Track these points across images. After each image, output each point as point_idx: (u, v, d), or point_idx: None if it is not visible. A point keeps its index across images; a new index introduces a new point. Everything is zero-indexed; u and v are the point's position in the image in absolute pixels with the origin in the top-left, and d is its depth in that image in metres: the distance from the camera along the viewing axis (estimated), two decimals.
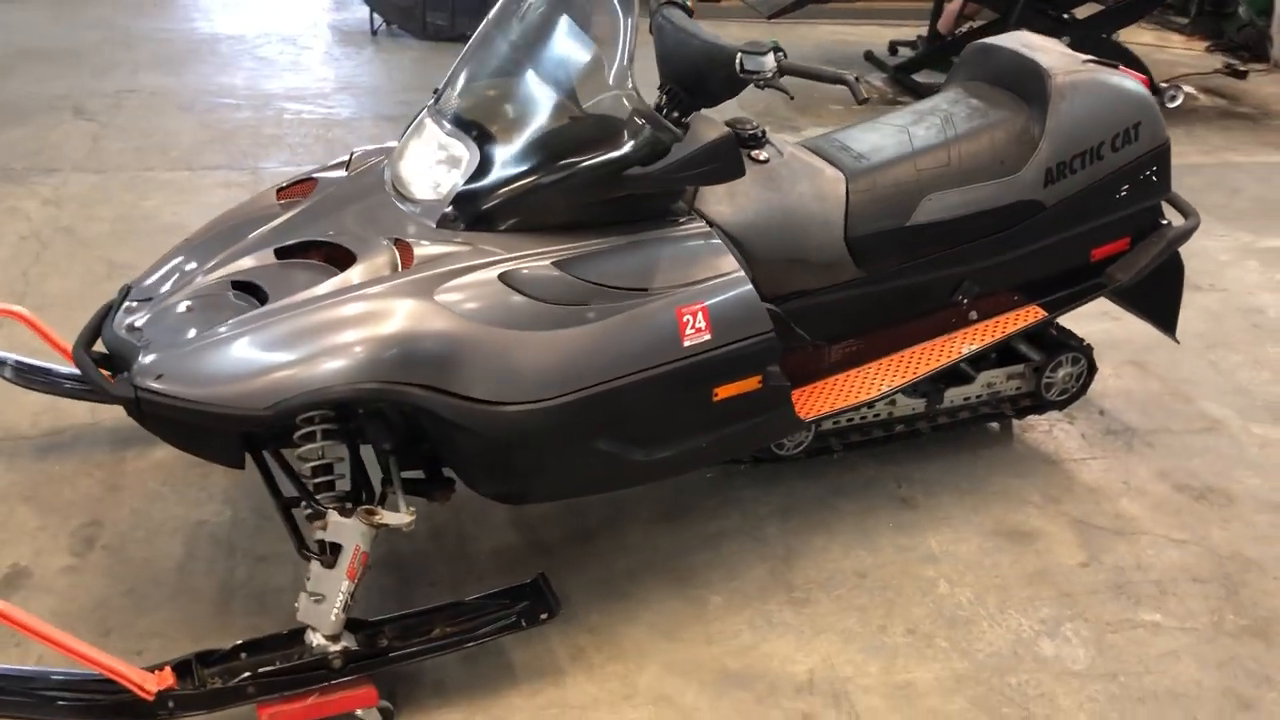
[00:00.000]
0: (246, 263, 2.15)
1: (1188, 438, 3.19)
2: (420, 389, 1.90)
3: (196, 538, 2.55)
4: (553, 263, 2.04)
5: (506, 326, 1.97)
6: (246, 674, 1.97)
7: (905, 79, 6.43)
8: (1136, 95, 2.68)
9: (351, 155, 2.49)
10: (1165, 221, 2.82)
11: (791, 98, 2.25)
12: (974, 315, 2.72)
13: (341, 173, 2.42)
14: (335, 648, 2.02)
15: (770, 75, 2.06)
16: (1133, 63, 5.24)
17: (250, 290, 2.09)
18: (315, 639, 2.02)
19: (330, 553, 2.01)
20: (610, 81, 2.07)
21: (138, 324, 2.08)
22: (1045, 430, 3.14)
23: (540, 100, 2.14)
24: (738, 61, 2.06)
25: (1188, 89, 6.47)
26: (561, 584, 2.30)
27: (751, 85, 2.09)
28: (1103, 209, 2.71)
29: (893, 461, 2.92)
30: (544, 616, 2.17)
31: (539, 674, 2.22)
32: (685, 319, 2.10)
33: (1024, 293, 2.78)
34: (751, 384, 2.21)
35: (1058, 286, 2.79)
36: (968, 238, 2.57)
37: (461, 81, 2.29)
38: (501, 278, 2.00)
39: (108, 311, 2.21)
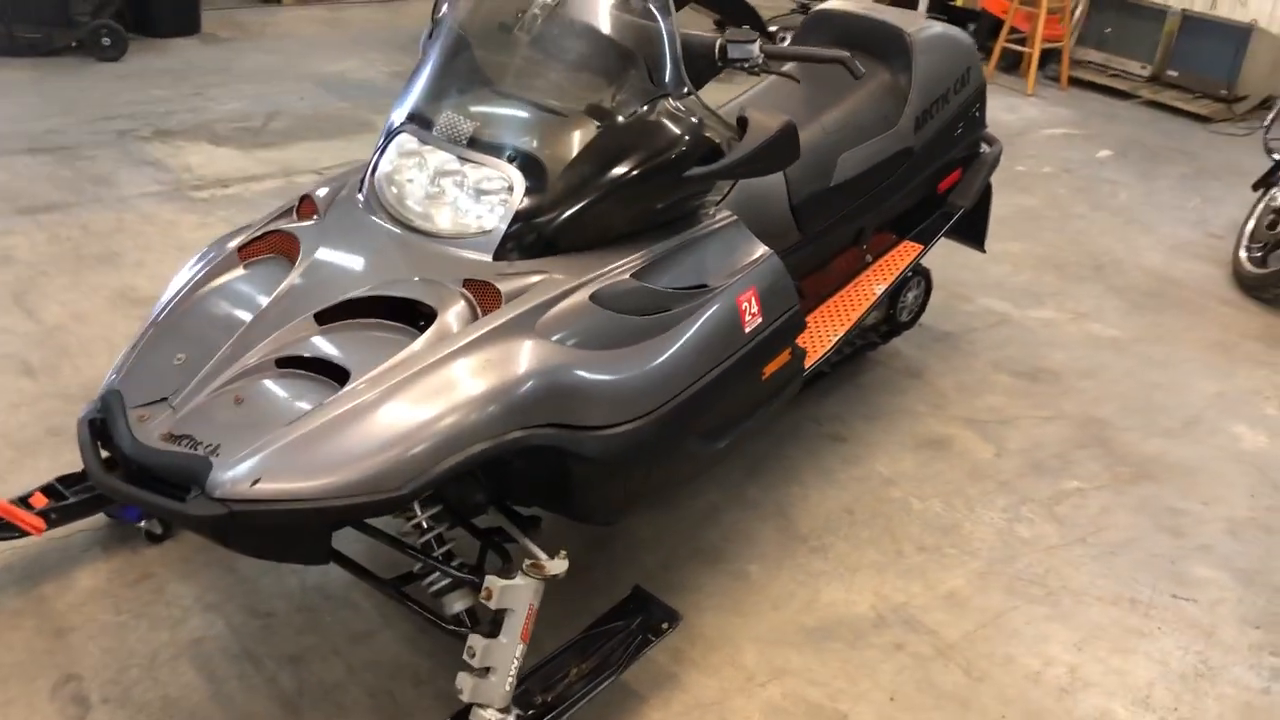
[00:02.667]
0: (283, 336, 1.89)
1: (991, 332, 3.83)
2: (548, 429, 1.84)
3: (205, 658, 2.20)
4: (630, 275, 2.05)
5: (606, 347, 1.95)
6: None
7: None
8: (966, 44, 3.16)
9: (303, 199, 2.22)
10: (983, 150, 3.35)
11: (797, 81, 2.40)
12: (869, 258, 3.08)
13: (311, 220, 2.16)
14: (511, 718, 1.92)
15: (759, 61, 2.20)
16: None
17: (303, 365, 1.86)
18: (488, 715, 1.90)
19: (492, 621, 1.90)
20: (661, 82, 2.08)
21: (177, 431, 1.78)
22: (892, 352, 3.60)
23: (580, 111, 2.06)
24: (717, 49, 2.17)
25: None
26: (608, 595, 2.31)
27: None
28: (948, 146, 3.17)
29: (798, 406, 3.20)
30: (666, 626, 2.20)
31: (657, 685, 2.25)
32: (743, 306, 2.20)
33: (896, 231, 3.18)
34: (785, 356, 2.37)
35: (918, 221, 3.22)
36: (869, 189, 2.90)
37: (456, 100, 2.11)
38: (593, 299, 1.97)
39: (99, 429, 1.86)
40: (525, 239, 1.98)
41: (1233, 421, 3.42)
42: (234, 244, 2.13)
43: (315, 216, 2.17)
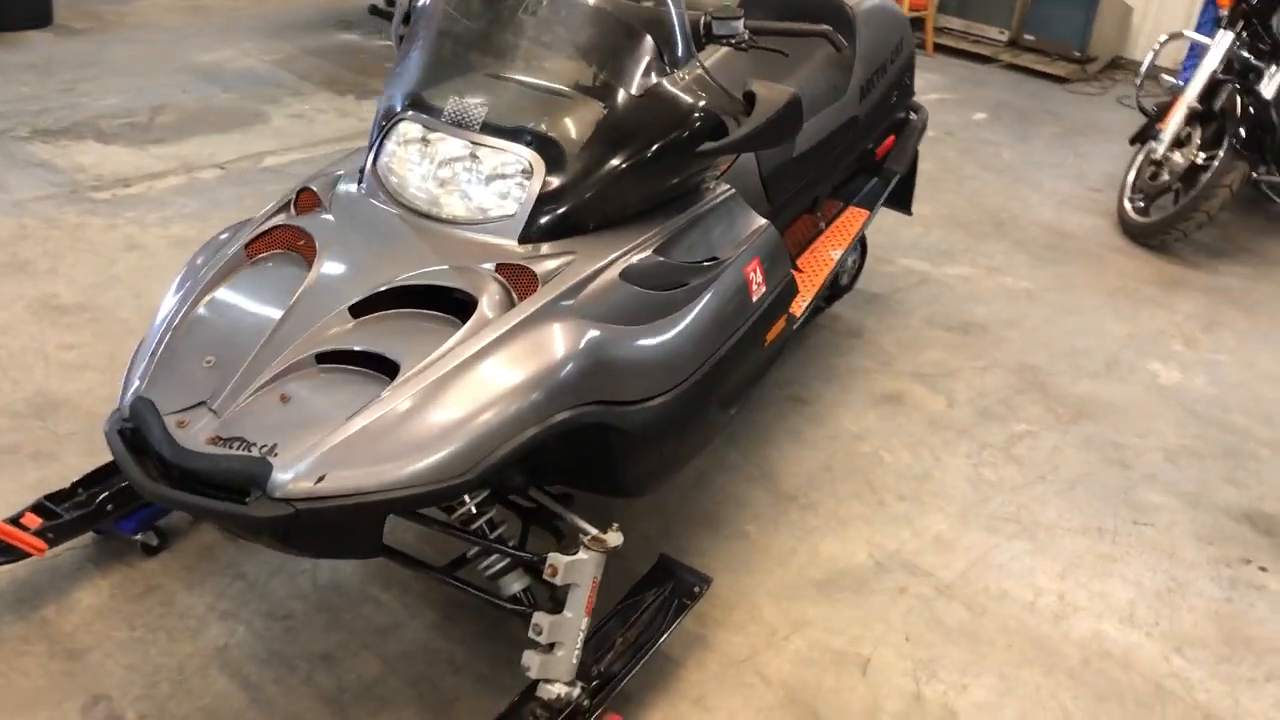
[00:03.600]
0: (319, 332, 1.87)
1: (916, 290, 4.02)
2: (594, 406, 1.88)
3: (234, 665, 2.16)
4: (654, 250, 2.09)
5: (638, 323, 2.00)
6: None
7: None
8: (900, 14, 3.30)
9: (301, 192, 2.18)
10: (912, 117, 3.51)
11: (785, 54, 2.46)
12: (822, 225, 3.20)
13: (316, 213, 2.12)
14: (577, 690, 1.96)
15: (745, 37, 2.26)
16: None
17: (344, 359, 1.85)
18: (556, 689, 1.94)
19: (553, 598, 1.93)
20: (672, 58, 2.11)
21: (225, 434, 1.75)
22: (832, 315, 3.75)
23: (594, 90, 2.06)
24: (702, 26, 2.23)
25: None
26: (623, 567, 2.36)
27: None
28: (885, 114, 3.31)
29: None
30: (697, 590, 2.27)
31: (688, 648, 2.32)
32: (751, 276, 2.28)
33: (842, 198, 3.31)
34: (783, 322, 2.47)
35: (858, 187, 3.36)
36: (824, 157, 3.01)
37: (463, 84, 2.09)
38: (622, 276, 2.01)
39: (131, 439, 1.81)
40: (548, 221, 2.00)
41: (1147, 360, 3.69)
42: (239, 242, 2.07)
43: (319, 209, 2.13)
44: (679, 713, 2.16)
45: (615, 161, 2.05)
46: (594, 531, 1.96)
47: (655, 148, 2.08)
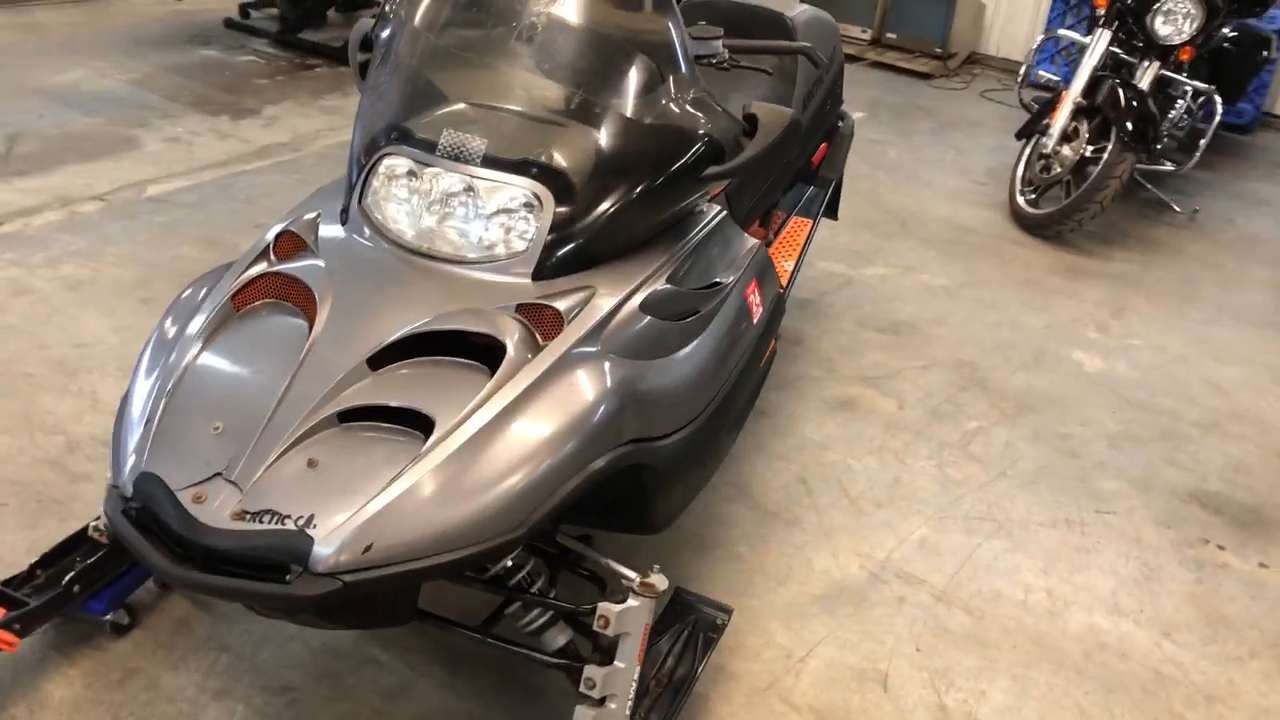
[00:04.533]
0: (338, 389, 1.74)
1: (841, 293, 4.07)
2: (630, 445, 1.83)
3: None
4: (666, 279, 2.05)
5: (659, 355, 1.94)
6: None
7: (294, 39, 6.32)
8: (832, 23, 3.34)
9: (280, 235, 2.03)
10: (840, 124, 3.55)
11: (769, 73, 2.42)
12: (771, 237, 3.20)
13: (303, 257, 1.98)
14: None
15: (725, 56, 2.25)
16: None
17: (368, 415, 1.73)
18: None
19: (603, 649, 1.86)
20: (675, 82, 2.06)
21: (252, 508, 1.62)
22: None
23: (599, 118, 1.97)
24: (655, 44, 2.18)
25: None
26: None
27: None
28: (822, 122, 3.34)
29: None
30: (720, 622, 2.23)
31: (711, 681, 2.27)
32: (751, 298, 2.26)
33: (783, 208, 3.32)
34: (774, 341, 2.46)
35: (799, 196, 3.38)
36: (775, 169, 3.02)
37: (457, 117, 1.97)
38: (642, 308, 1.95)
39: (137, 520, 1.65)
40: (562, 256, 1.92)
41: (1069, 349, 3.83)
42: (221, 293, 1.92)
43: (303, 253, 1.99)
44: None
45: (624, 190, 1.98)
46: (640, 577, 1.89)
47: (663, 173, 2.03)
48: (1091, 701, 2.32)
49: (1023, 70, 5.20)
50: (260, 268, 1.96)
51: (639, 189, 1.99)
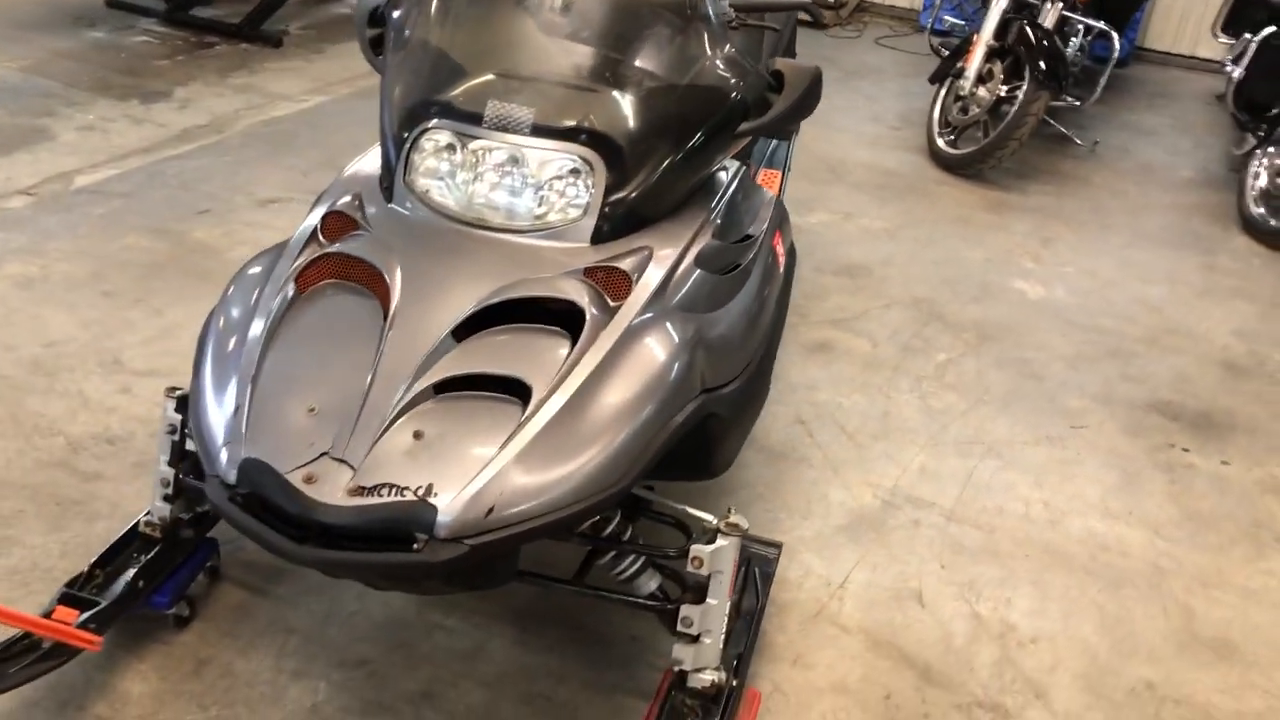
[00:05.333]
0: (428, 361, 1.78)
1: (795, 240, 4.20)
2: (704, 395, 1.92)
3: None
4: (712, 234, 2.13)
5: (715, 306, 2.03)
6: None
7: (186, 17, 6.12)
8: None
9: (327, 217, 2.03)
10: None
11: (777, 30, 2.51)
12: None
13: (368, 237, 1.99)
14: (724, 674, 2.00)
15: (730, 15, 2.33)
16: None
17: (462, 385, 1.78)
18: (708, 677, 1.97)
19: (698, 587, 1.96)
20: (709, 40, 2.12)
21: (368, 484, 1.66)
22: None
23: (640, 80, 2.03)
24: (689, 4, 2.27)
25: None
26: None
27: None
28: None
29: None
30: (774, 556, 2.35)
31: (765, 614, 2.39)
32: (778, 249, 2.37)
33: (755, 161, 3.43)
34: (790, 289, 2.57)
35: (764, 150, 3.49)
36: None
37: (499, 87, 2.00)
38: (696, 263, 2.03)
39: (251, 506, 1.68)
40: (615, 218, 1.98)
41: (1010, 279, 4.06)
42: (284, 279, 1.92)
43: (355, 232, 2.00)
44: (785, 675, 2.24)
45: (669, 150, 2.04)
46: (719, 518, 1.98)
47: (703, 132, 2.10)
48: (1106, 598, 2.52)
49: (930, 21, 5.39)
50: (315, 249, 1.97)
51: (682, 148, 2.06)
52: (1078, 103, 5.13)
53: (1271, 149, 4.65)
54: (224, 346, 1.88)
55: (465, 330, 1.83)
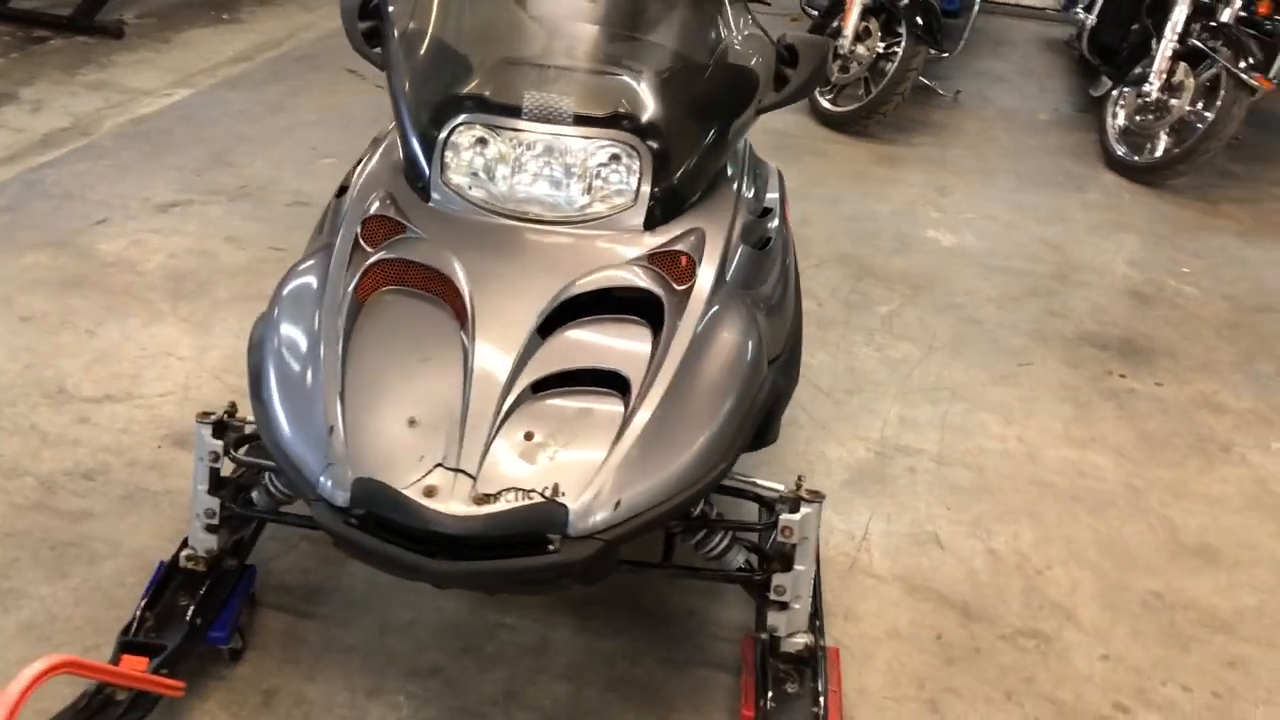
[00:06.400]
0: (520, 361, 1.77)
1: None
2: (769, 370, 1.98)
3: None
4: (748, 210, 2.18)
5: (761, 281, 2.10)
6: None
7: (6, 9, 5.69)
8: None
9: (366, 222, 1.95)
10: None
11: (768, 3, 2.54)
12: None
13: (418, 240, 1.94)
14: (811, 635, 2.08)
15: None
16: None
17: (558, 382, 1.79)
18: (800, 640, 2.04)
19: (783, 557, 2.02)
20: (732, 17, 2.17)
21: (490, 490, 1.65)
22: None
23: (673, 62, 2.05)
24: None
25: None
26: None
27: None
28: None
29: None
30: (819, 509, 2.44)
31: None
32: (788, 218, 2.45)
33: None
34: None
35: None
36: None
37: (534, 78, 1.97)
38: (743, 241, 2.09)
39: (386, 528, 1.64)
40: (664, 202, 1.98)
41: (922, 230, 4.26)
42: (343, 291, 1.86)
43: (401, 236, 1.95)
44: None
45: (705, 130, 2.07)
46: (793, 488, 2.04)
47: (734, 109, 2.13)
48: (1096, 520, 2.72)
49: None
50: (364, 256, 1.90)
51: (716, 127, 2.09)
52: (945, 54, 5.38)
53: (1127, 90, 5.00)
54: (292, 365, 1.80)
55: (547, 327, 1.82)
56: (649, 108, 1.99)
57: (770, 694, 1.94)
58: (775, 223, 2.25)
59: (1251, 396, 3.29)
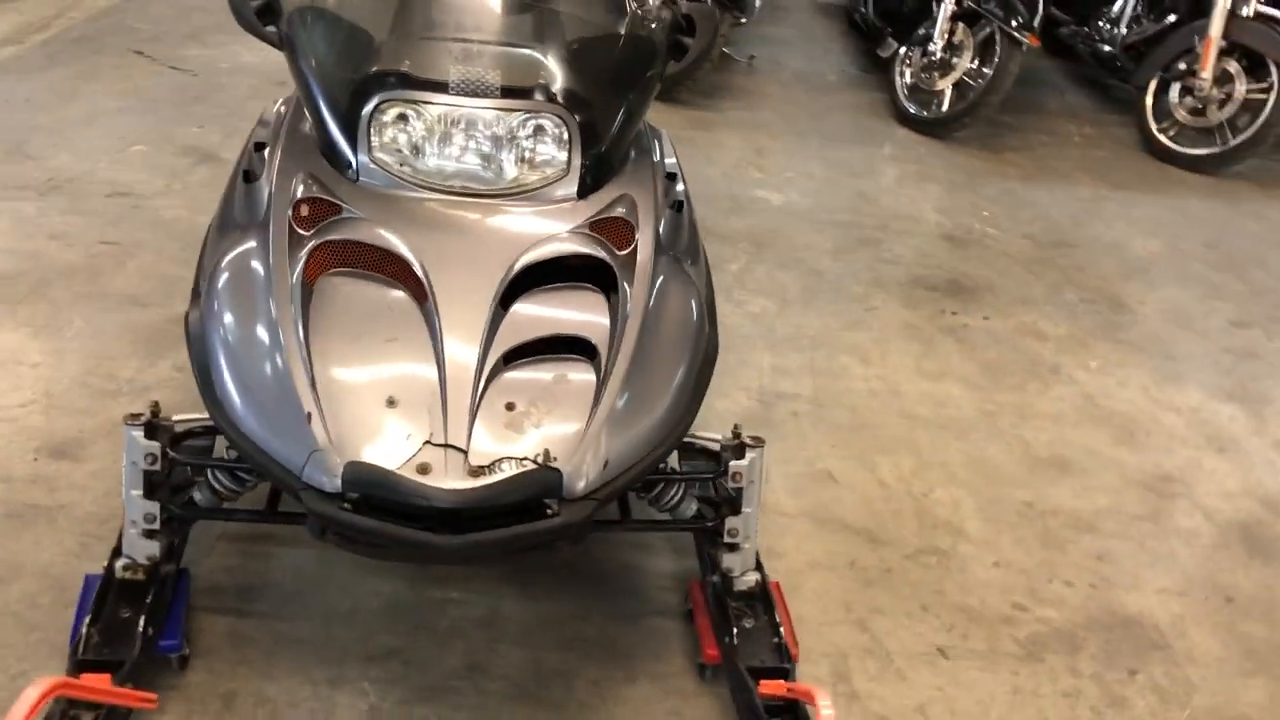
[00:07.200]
0: (487, 333, 1.81)
1: None
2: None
3: (401, 717, 2.02)
4: (667, 175, 2.27)
5: (687, 242, 2.16)
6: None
7: None
8: None
9: (298, 204, 1.88)
10: None
11: None
12: None
13: (359, 220, 1.92)
14: (759, 572, 2.21)
15: None
16: None
17: (526, 351, 1.85)
18: (750, 578, 2.17)
19: (731, 501, 2.14)
20: None
21: (483, 462, 1.69)
22: None
23: (593, 33, 2.11)
24: None
25: None
26: None
27: None
28: None
29: None
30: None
31: None
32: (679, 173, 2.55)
33: None
34: None
35: None
36: None
37: (460, 53, 1.98)
38: (670, 206, 2.19)
39: (386, 505, 1.65)
40: (593, 170, 2.04)
41: (752, 190, 4.46)
42: (292, 274, 1.83)
43: (341, 217, 1.93)
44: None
45: (624, 97, 2.15)
46: (731, 436, 2.15)
47: (648, 76, 2.22)
48: (963, 444, 2.98)
49: None
50: (310, 239, 1.87)
51: (632, 94, 2.16)
52: (743, 20, 5.59)
53: (913, 51, 5.37)
54: (250, 355, 1.76)
55: (516, 296, 1.85)
56: (573, 79, 2.04)
57: (734, 630, 2.04)
58: (681, 185, 2.33)
59: (1066, 323, 3.65)
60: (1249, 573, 2.61)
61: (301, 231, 1.88)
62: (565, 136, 1.99)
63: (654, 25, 2.23)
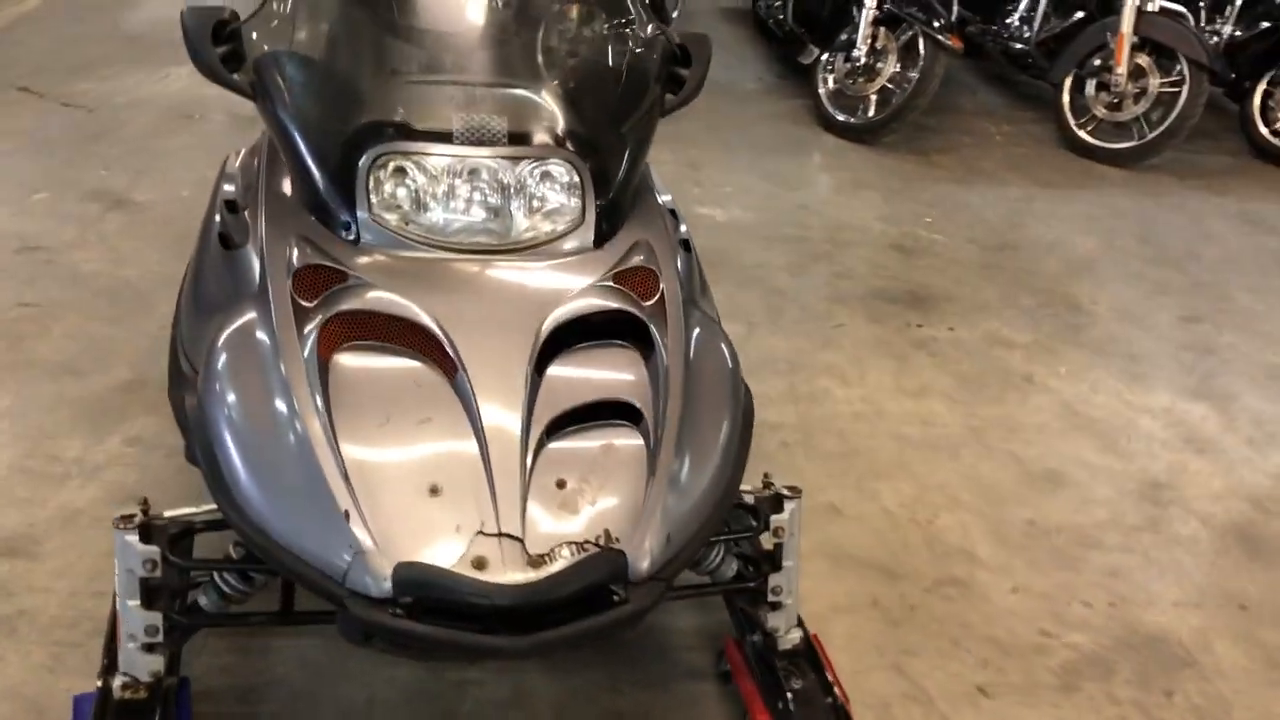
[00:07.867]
0: (524, 406, 1.67)
1: None
2: None
3: None
4: (670, 210, 2.17)
5: (700, 284, 2.12)
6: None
7: None
8: None
9: (297, 273, 1.71)
10: None
11: None
12: None
13: (368, 289, 1.75)
14: (800, 628, 2.12)
15: None
16: None
17: (568, 420, 1.72)
18: (794, 635, 2.07)
19: (770, 557, 2.04)
20: (636, 27, 2.12)
21: (541, 550, 1.57)
22: None
23: (597, 73, 2.01)
24: None
25: None
26: None
27: None
28: None
29: None
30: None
31: None
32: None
33: None
34: None
35: None
36: None
37: (460, 100, 1.85)
38: (681, 245, 2.09)
39: (448, 602, 1.51)
40: (608, 216, 1.92)
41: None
42: (306, 354, 1.66)
43: (344, 284, 1.77)
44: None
45: (631, 137, 2.04)
46: (763, 487, 2.05)
47: (649, 114, 2.11)
48: (955, 463, 2.94)
49: None
50: (318, 311, 1.71)
51: (638, 134, 2.05)
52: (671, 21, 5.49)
53: (836, 57, 5.35)
54: (269, 447, 1.59)
55: (549, 360, 1.73)
56: (580, 120, 1.93)
57: (788, 696, 1.94)
58: (684, 225, 2.23)
59: (1029, 330, 3.65)
60: (1254, 577, 2.62)
61: (305, 303, 1.70)
62: (577, 182, 1.87)
63: (649, 58, 2.12)
